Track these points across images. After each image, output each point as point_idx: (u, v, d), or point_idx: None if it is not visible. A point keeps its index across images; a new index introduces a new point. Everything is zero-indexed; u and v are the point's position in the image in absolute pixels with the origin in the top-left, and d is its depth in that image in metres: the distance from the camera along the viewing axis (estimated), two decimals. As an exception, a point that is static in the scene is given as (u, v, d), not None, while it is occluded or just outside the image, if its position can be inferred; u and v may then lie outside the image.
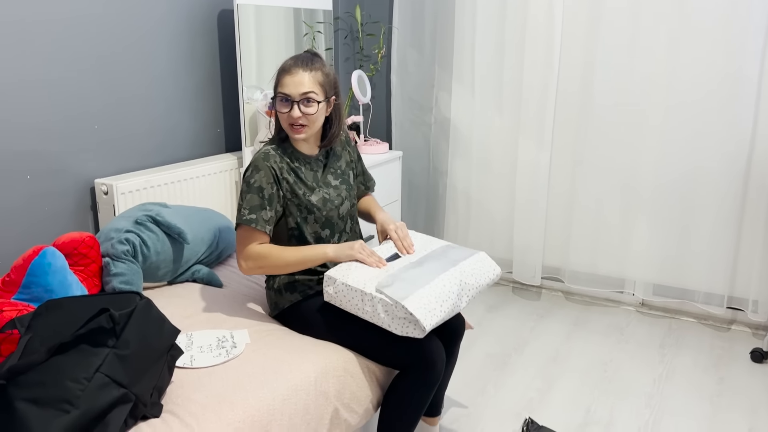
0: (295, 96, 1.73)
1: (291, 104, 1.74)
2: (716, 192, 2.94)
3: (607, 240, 3.23)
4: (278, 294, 1.83)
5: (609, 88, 3.06)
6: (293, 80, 1.73)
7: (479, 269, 1.79)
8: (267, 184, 1.73)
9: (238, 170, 2.94)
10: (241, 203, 1.73)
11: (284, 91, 1.74)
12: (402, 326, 1.58)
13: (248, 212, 1.71)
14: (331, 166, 1.89)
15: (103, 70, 2.41)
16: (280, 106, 1.75)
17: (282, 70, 1.76)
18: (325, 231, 1.83)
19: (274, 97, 1.76)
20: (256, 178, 1.73)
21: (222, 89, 2.98)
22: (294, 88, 1.73)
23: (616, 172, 3.13)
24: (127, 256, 1.90)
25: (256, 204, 1.71)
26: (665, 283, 3.16)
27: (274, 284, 1.85)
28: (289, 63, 1.76)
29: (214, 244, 2.21)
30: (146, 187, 2.50)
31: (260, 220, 1.71)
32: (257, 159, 1.76)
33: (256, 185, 1.72)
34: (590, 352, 2.79)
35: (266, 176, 1.73)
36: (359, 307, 1.63)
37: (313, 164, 1.84)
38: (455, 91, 3.41)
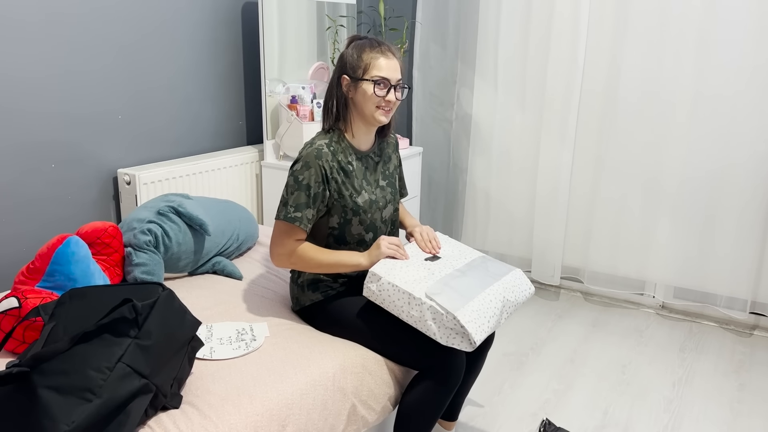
0: (393, 80, 1.72)
1: (389, 88, 1.72)
2: (741, 195, 2.89)
3: (628, 241, 3.19)
4: (301, 290, 1.82)
5: (634, 86, 3.01)
6: (390, 64, 1.71)
7: (518, 286, 1.77)
8: (315, 182, 1.70)
9: (258, 163, 2.94)
10: (287, 198, 1.70)
11: (383, 75, 1.70)
12: (449, 336, 1.56)
13: (294, 210, 1.69)
14: (381, 165, 1.86)
15: (127, 61, 2.43)
16: (375, 89, 1.70)
17: (373, 53, 1.71)
18: (369, 234, 1.80)
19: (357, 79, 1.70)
20: (305, 175, 1.69)
21: (244, 82, 2.98)
22: (393, 72, 1.72)
23: (639, 173, 3.09)
24: (149, 247, 1.91)
25: (302, 202, 1.69)
26: (686, 286, 3.12)
27: (299, 279, 1.84)
28: (381, 44, 1.72)
29: (234, 236, 2.22)
30: (168, 177, 2.52)
31: (303, 219, 1.69)
32: (309, 155, 1.71)
33: (304, 183, 1.69)
34: (608, 353, 2.77)
35: (315, 175, 1.69)
36: (404, 310, 1.61)
37: (365, 161, 1.81)
38: (477, 88, 3.38)
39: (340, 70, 1.76)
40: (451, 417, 1.98)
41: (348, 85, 1.74)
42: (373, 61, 1.70)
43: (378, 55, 1.71)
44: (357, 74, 1.72)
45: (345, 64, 1.74)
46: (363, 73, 1.71)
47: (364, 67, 1.71)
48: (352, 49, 1.74)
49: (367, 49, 1.72)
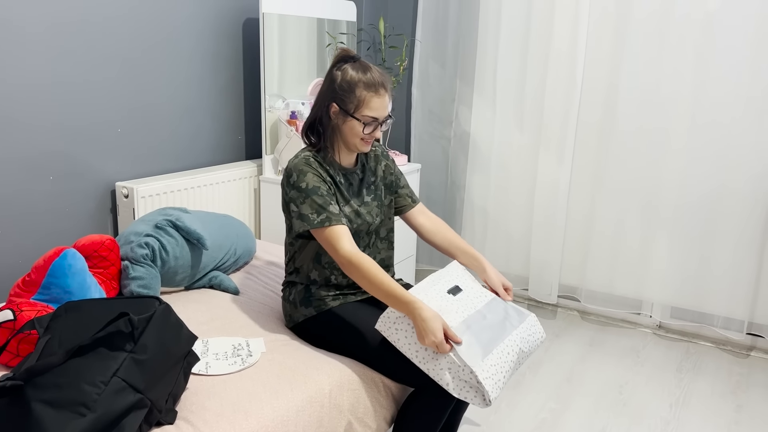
0: (382, 118, 1.72)
1: (376, 125, 1.72)
2: (739, 215, 2.90)
3: (626, 260, 3.19)
4: (293, 306, 1.82)
5: (632, 107, 3.04)
6: (382, 103, 1.70)
7: (532, 335, 1.71)
8: (319, 182, 1.69)
9: (257, 177, 2.95)
10: (303, 210, 1.66)
11: (374, 115, 1.69)
12: (462, 389, 1.50)
13: (316, 215, 1.65)
14: (366, 181, 1.85)
15: (128, 73, 2.44)
16: (363, 128, 1.69)
17: (368, 91, 1.68)
18: None
19: (347, 113, 1.69)
20: (306, 180, 1.68)
21: (244, 97, 2.99)
22: (383, 110, 1.71)
23: (636, 192, 3.10)
24: (146, 260, 1.90)
25: (319, 204, 1.66)
26: (683, 306, 3.12)
27: (290, 296, 1.84)
28: (375, 83, 1.68)
29: (232, 251, 2.21)
30: (166, 191, 2.52)
31: (332, 216, 1.65)
32: (298, 164, 1.71)
33: (310, 187, 1.67)
34: (605, 373, 2.75)
35: (314, 176, 1.69)
36: (416, 351, 1.54)
37: (349, 176, 1.81)
38: (476, 106, 3.40)
39: (330, 96, 1.73)
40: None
41: (336, 114, 1.73)
42: (367, 100, 1.68)
43: (372, 95, 1.68)
44: (348, 108, 1.70)
45: (336, 93, 1.71)
46: (354, 110, 1.69)
47: (356, 104, 1.69)
48: (344, 79, 1.70)
49: (362, 85, 1.68)
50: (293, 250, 1.84)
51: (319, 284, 1.81)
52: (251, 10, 2.93)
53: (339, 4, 3.21)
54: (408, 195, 1.97)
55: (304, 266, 1.82)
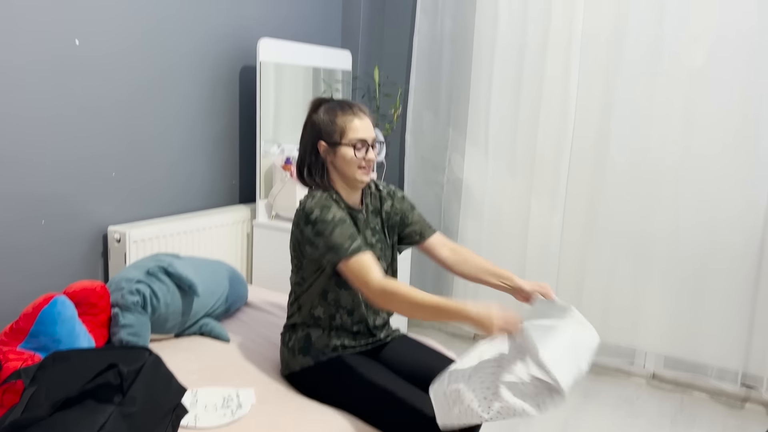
0: (370, 139, 1.75)
1: (366, 147, 1.74)
2: (731, 264, 2.91)
3: (619, 308, 3.18)
4: (291, 354, 1.79)
5: (623, 156, 3.07)
6: (364, 124, 1.74)
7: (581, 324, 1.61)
8: (344, 214, 1.69)
9: (250, 222, 2.94)
10: (335, 240, 1.62)
11: (360, 136, 1.72)
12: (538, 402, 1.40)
13: (349, 244, 1.62)
14: (370, 222, 1.85)
15: (124, 116, 2.45)
16: (355, 152, 1.71)
17: (346, 116, 1.72)
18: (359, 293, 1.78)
19: (335, 144, 1.72)
20: (333, 212, 1.67)
21: (240, 141, 3.01)
22: (368, 131, 1.74)
23: (628, 240, 3.12)
24: (136, 307, 1.88)
25: (349, 233, 1.64)
26: (677, 356, 3.10)
27: (289, 341, 1.80)
28: (352, 108, 1.74)
29: (223, 297, 2.19)
30: (159, 236, 2.51)
31: (363, 245, 1.64)
32: (320, 199, 1.70)
33: (337, 218, 1.66)
34: (600, 426, 2.71)
35: (338, 210, 1.69)
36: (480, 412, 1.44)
37: (355, 216, 1.81)
38: (468, 153, 3.44)
39: (315, 136, 1.76)
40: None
41: (326, 151, 1.76)
42: (348, 123, 1.72)
43: (351, 117, 1.73)
44: (334, 139, 1.73)
45: (319, 131, 1.75)
46: (340, 138, 1.72)
47: (340, 132, 1.72)
48: (323, 115, 1.75)
49: (339, 113, 1.74)
50: (300, 291, 1.80)
51: (322, 326, 1.77)
52: (249, 57, 2.98)
53: (335, 53, 3.27)
54: (417, 231, 1.91)
55: (308, 303, 1.78)
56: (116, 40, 2.37)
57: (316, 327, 1.79)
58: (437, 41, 3.49)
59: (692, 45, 2.86)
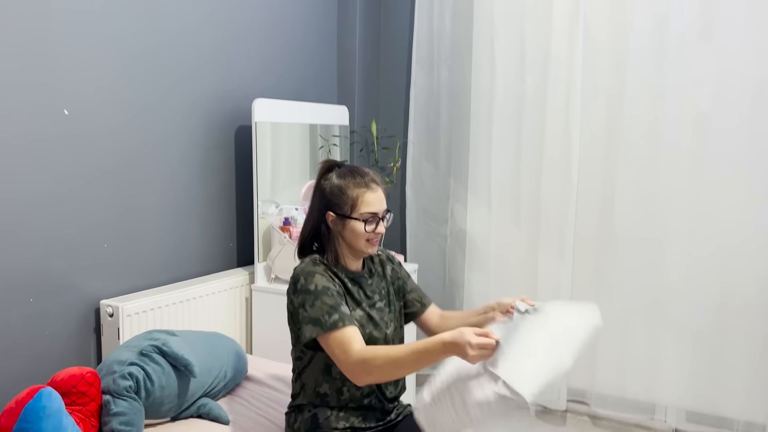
0: (381, 212, 1.69)
1: (377, 221, 1.68)
2: (750, 310, 2.80)
3: (635, 361, 3.06)
4: None
5: (630, 203, 3.00)
6: (377, 197, 1.68)
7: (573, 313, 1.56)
8: (329, 282, 1.61)
9: (249, 286, 2.84)
10: (312, 314, 1.55)
11: (372, 210, 1.66)
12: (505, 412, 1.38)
13: (329, 316, 1.54)
14: (376, 287, 1.77)
15: (113, 185, 2.36)
16: (365, 226, 1.65)
17: (359, 188, 1.66)
18: None
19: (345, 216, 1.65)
20: (316, 281, 1.60)
21: (236, 203, 2.93)
22: (380, 204, 1.69)
23: (640, 290, 3.01)
24: (129, 393, 1.76)
25: (331, 304, 1.56)
26: (699, 410, 2.96)
27: (295, 423, 1.69)
28: (365, 179, 1.67)
29: (222, 374, 2.07)
30: (153, 307, 2.40)
31: (345, 317, 1.55)
32: (305, 266, 1.64)
33: (319, 288, 1.59)
34: (625, 490, 2.56)
35: (323, 277, 1.61)
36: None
37: (359, 281, 1.73)
38: (471, 204, 3.36)
39: (324, 205, 1.70)
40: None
41: (335, 222, 1.69)
42: (361, 197, 1.66)
43: (364, 191, 1.66)
44: (344, 211, 1.67)
45: (329, 201, 1.69)
46: (351, 211, 1.66)
47: (351, 204, 1.66)
48: (334, 185, 1.68)
49: (351, 184, 1.67)
50: (301, 366, 1.71)
51: (330, 405, 1.67)
52: (244, 118, 2.92)
53: (331, 109, 3.22)
54: (417, 299, 1.87)
55: (312, 381, 1.68)
56: (106, 108, 2.30)
57: (324, 407, 1.67)
58: (434, 93, 3.45)
59: (696, 89, 2.81)
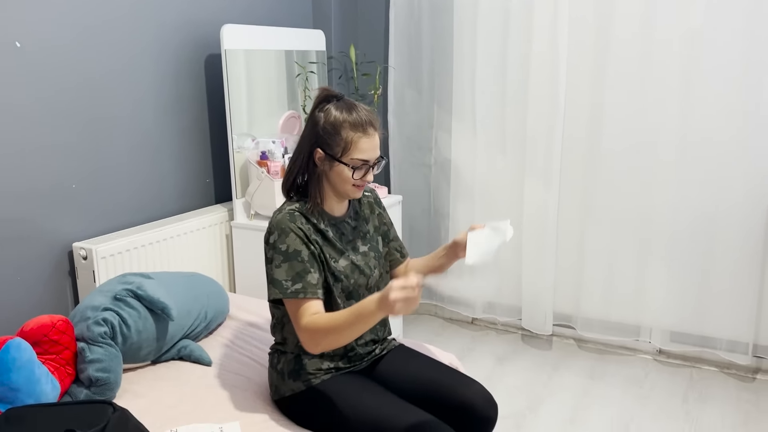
0: (373, 159, 1.59)
1: (367, 169, 1.58)
2: (738, 232, 2.77)
3: (621, 285, 3.06)
4: (281, 378, 1.64)
5: (618, 127, 2.91)
6: (372, 144, 1.57)
7: None
8: (301, 245, 1.53)
9: (228, 223, 2.76)
10: (276, 275, 1.51)
11: (363, 158, 1.56)
12: None
13: (291, 283, 1.50)
14: (360, 230, 1.70)
15: (79, 123, 2.24)
16: (352, 173, 1.56)
17: (355, 132, 1.55)
18: (351, 302, 1.63)
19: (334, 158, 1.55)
20: (287, 242, 1.53)
21: (210, 137, 2.81)
22: (373, 151, 1.58)
23: (628, 213, 2.97)
24: (104, 339, 1.71)
25: (297, 271, 1.51)
26: (684, 330, 2.99)
27: (278, 364, 1.65)
28: (362, 122, 1.55)
29: (202, 315, 2.02)
30: (129, 248, 2.32)
31: (308, 288, 1.50)
32: (282, 221, 1.55)
33: (290, 250, 1.52)
34: (610, 410, 2.60)
35: (297, 238, 1.53)
36: None
37: (341, 226, 1.66)
38: (455, 131, 3.26)
39: (314, 141, 1.59)
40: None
41: (322, 160, 1.59)
42: (355, 142, 1.55)
43: (360, 135, 1.55)
44: (335, 153, 1.56)
45: (319, 137, 1.57)
46: (341, 154, 1.56)
47: (343, 147, 1.55)
48: (328, 121, 1.56)
49: (347, 125, 1.55)
50: (279, 314, 1.66)
51: (311, 354, 1.63)
52: (213, 46, 2.76)
53: (306, 34, 3.05)
54: (397, 249, 1.83)
55: (293, 335, 1.63)
56: (63, 38, 2.15)
57: (306, 354, 1.64)
58: (415, 14, 3.27)
59: (687, 6, 2.67)
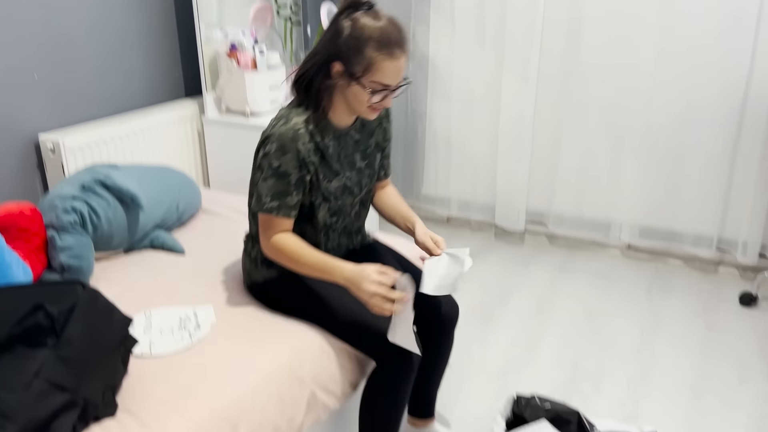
0: (395, 83, 1.45)
1: (387, 93, 1.45)
2: (709, 130, 2.79)
3: (594, 182, 3.09)
4: (254, 265, 1.65)
5: (598, 24, 2.84)
6: (397, 67, 1.42)
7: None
8: (294, 168, 1.46)
9: (199, 118, 2.70)
10: (260, 188, 1.47)
11: (385, 82, 1.42)
12: None
13: (270, 200, 1.46)
14: (361, 144, 1.62)
15: (41, 9, 2.13)
16: (371, 95, 1.43)
17: (380, 51, 1.39)
18: (334, 218, 1.62)
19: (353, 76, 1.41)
20: (282, 162, 1.45)
21: (178, 27, 2.69)
22: (397, 76, 1.43)
23: (604, 111, 2.96)
24: (74, 227, 1.70)
25: (280, 190, 1.47)
26: (652, 226, 3.06)
27: (252, 251, 1.65)
28: (390, 41, 1.39)
29: (173, 207, 2.02)
30: (98, 141, 2.28)
31: (283, 207, 1.48)
32: (284, 137, 1.44)
33: (281, 170, 1.46)
34: (576, 301, 2.70)
35: (293, 160, 1.46)
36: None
37: (343, 139, 1.57)
38: (434, 25, 3.16)
39: (334, 52, 1.42)
40: (425, 413, 1.85)
41: (340, 74, 1.44)
42: (378, 63, 1.39)
43: (385, 57, 1.39)
44: (354, 71, 1.41)
45: (340, 50, 1.41)
46: (362, 73, 1.41)
47: (365, 66, 1.40)
48: (353, 34, 1.40)
49: (373, 43, 1.39)
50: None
51: None
52: (175, -74, 2.59)
53: None
54: (384, 167, 1.75)
55: None
56: None
57: None
58: None
59: None
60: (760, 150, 2.72)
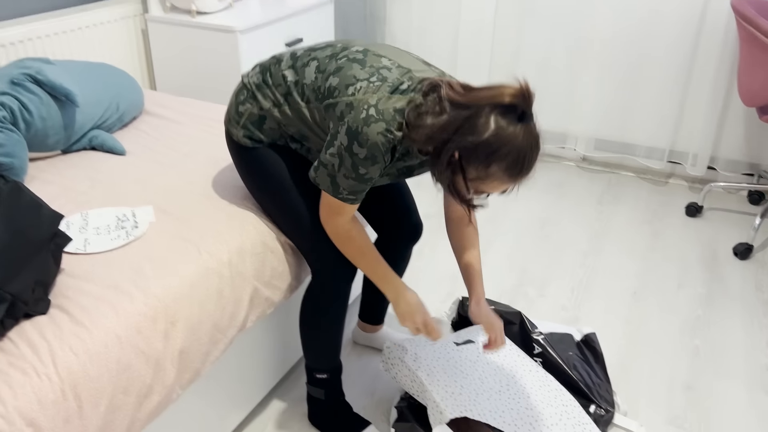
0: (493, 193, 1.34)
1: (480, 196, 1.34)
2: (666, 45, 2.77)
3: (552, 94, 3.07)
4: (235, 121, 1.51)
5: None
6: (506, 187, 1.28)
7: None
8: (376, 173, 1.36)
9: (143, 16, 2.56)
10: (339, 180, 1.36)
11: (489, 191, 1.30)
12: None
13: (347, 193, 1.38)
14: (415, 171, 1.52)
15: None
16: (467, 192, 1.30)
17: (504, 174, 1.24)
18: None
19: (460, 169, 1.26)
20: (369, 170, 1.34)
21: None
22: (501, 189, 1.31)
23: (564, 22, 2.90)
24: (4, 124, 1.62)
25: (360, 189, 1.38)
26: (608, 138, 3.08)
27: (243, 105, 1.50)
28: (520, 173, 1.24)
29: (113, 106, 1.93)
30: (31, 37, 2.15)
31: (358, 199, 1.41)
32: (377, 148, 1.30)
33: (367, 176, 1.35)
34: (528, 210, 2.74)
35: (380, 169, 1.35)
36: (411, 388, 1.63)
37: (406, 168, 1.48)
38: None
39: (458, 140, 1.24)
40: (376, 320, 1.89)
41: (451, 159, 1.26)
42: (495, 179, 1.25)
43: (506, 179, 1.25)
44: (467, 171, 1.26)
45: (467, 145, 1.23)
46: (474, 178, 1.27)
47: (482, 175, 1.25)
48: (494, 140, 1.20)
49: (503, 167, 1.22)
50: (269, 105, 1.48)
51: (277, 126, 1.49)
52: None
53: None
54: None
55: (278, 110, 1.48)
56: None
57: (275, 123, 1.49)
58: None
59: None
60: (715, 63, 2.71)
